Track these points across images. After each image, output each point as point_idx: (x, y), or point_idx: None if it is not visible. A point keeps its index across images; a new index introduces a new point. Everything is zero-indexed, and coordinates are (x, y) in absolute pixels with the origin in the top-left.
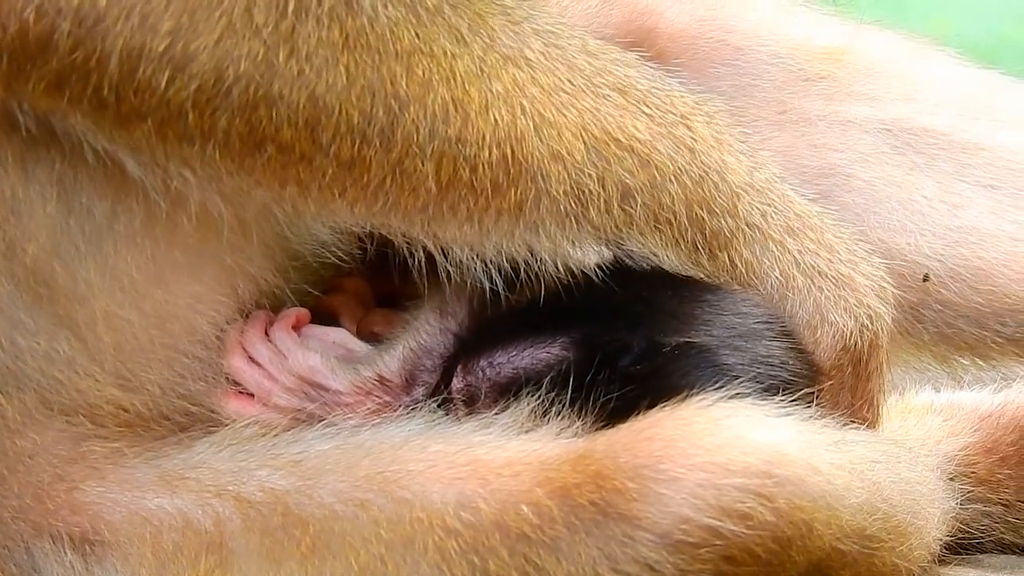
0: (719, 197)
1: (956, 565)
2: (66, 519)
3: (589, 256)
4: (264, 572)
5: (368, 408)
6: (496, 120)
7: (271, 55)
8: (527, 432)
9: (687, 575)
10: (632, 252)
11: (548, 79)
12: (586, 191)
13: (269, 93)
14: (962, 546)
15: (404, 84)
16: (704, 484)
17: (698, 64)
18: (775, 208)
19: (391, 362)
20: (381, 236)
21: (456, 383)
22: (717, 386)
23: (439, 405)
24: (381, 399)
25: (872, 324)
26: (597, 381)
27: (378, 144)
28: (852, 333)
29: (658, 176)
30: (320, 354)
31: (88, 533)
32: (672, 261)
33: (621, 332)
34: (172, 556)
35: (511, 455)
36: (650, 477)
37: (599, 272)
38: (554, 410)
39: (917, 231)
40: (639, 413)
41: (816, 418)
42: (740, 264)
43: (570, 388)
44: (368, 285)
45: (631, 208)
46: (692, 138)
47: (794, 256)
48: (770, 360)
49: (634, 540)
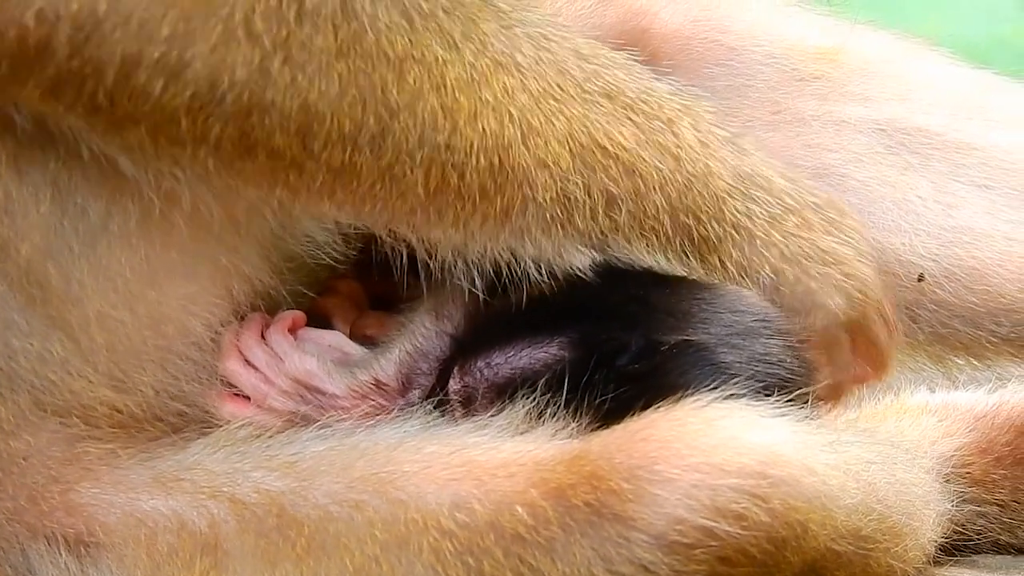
0: (705, 204)
1: (951, 566)
2: (61, 520)
3: (575, 260)
4: (259, 573)
5: (364, 411)
6: (484, 129)
7: (266, 62)
8: (522, 433)
9: (682, 575)
10: (620, 256)
11: (538, 85)
12: (572, 198)
13: (262, 100)
14: (957, 547)
15: (395, 92)
16: (699, 485)
17: (692, 64)
18: (758, 201)
19: (387, 365)
20: (375, 238)
21: (453, 384)
22: (715, 384)
23: (435, 407)
24: (377, 402)
25: (860, 291)
26: (594, 381)
27: (368, 151)
28: (844, 310)
29: (643, 185)
30: (316, 357)
31: (83, 534)
32: (662, 264)
33: (618, 331)
34: (167, 557)
35: (506, 456)
36: (645, 478)
37: (595, 272)
38: (549, 411)
39: (912, 231)
40: (634, 413)
41: (812, 418)
42: (731, 266)
43: (566, 388)
44: (361, 287)
45: (616, 215)
46: (677, 145)
47: (780, 248)
48: (768, 358)
49: (629, 541)
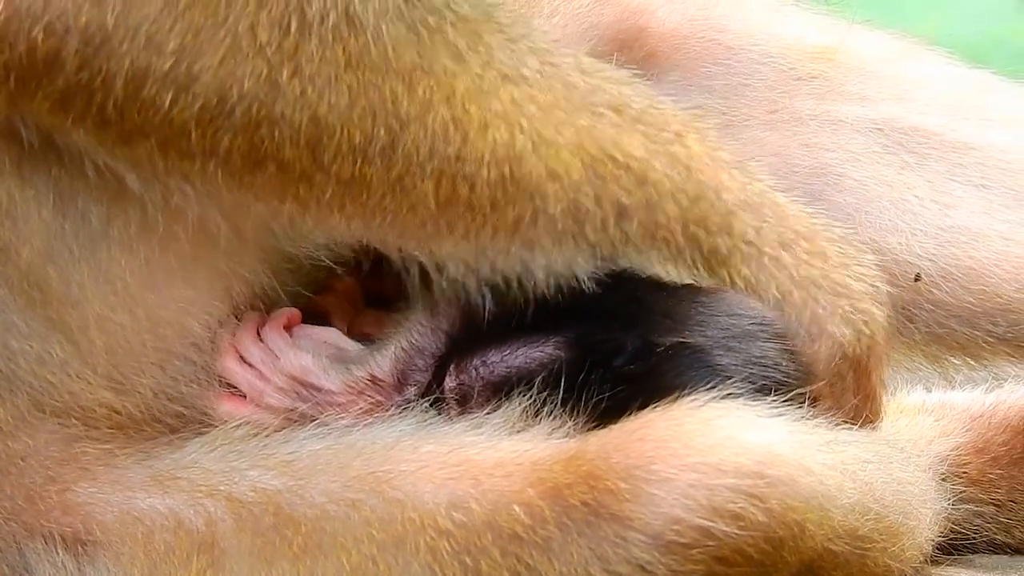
0: (715, 215)
1: (948, 565)
2: (58, 520)
3: (584, 271)
4: (256, 572)
5: (360, 408)
6: (495, 139)
7: (275, 74)
8: (519, 432)
9: (679, 575)
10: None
11: (545, 97)
12: (583, 209)
13: (272, 113)
14: (954, 546)
15: (405, 103)
16: (696, 485)
17: (689, 64)
18: (769, 222)
19: (383, 362)
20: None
21: (449, 382)
22: (710, 387)
23: (431, 405)
24: (373, 399)
25: (868, 328)
26: (590, 381)
27: (379, 163)
28: (850, 342)
29: (654, 194)
30: (312, 354)
31: (80, 533)
32: (671, 276)
33: (615, 332)
34: (164, 556)
35: (503, 455)
36: (642, 478)
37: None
38: (546, 410)
39: (908, 231)
40: (631, 413)
41: (808, 418)
42: (739, 281)
43: (562, 388)
44: (359, 285)
45: (628, 226)
46: (687, 156)
47: (789, 270)
48: (763, 361)
49: (626, 541)
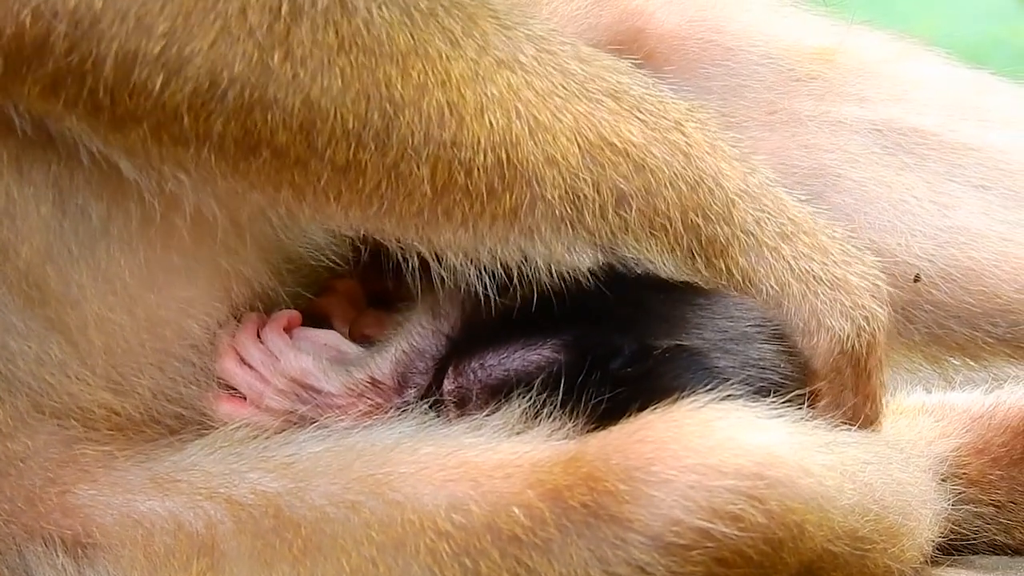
0: (714, 203)
1: (948, 566)
2: (58, 522)
3: (583, 261)
4: (255, 574)
5: (360, 410)
6: (491, 124)
7: (266, 58)
8: (518, 434)
9: None
10: (628, 258)
11: (542, 83)
12: (581, 196)
13: (264, 97)
14: (954, 547)
15: (399, 87)
16: (695, 486)
17: (688, 65)
18: (769, 213)
19: (383, 364)
20: (374, 238)
21: (447, 384)
22: (708, 389)
23: (430, 407)
24: (373, 401)
25: (868, 325)
26: (588, 383)
27: (373, 148)
28: (849, 336)
29: (653, 181)
30: (312, 356)
31: (80, 535)
32: (668, 268)
33: (612, 335)
34: (164, 558)
35: (502, 457)
36: (641, 479)
37: (591, 275)
38: (545, 412)
39: (908, 231)
40: (630, 415)
41: (807, 419)
42: (736, 272)
43: (561, 390)
44: (360, 287)
45: (626, 213)
46: (687, 143)
47: (789, 262)
48: (761, 363)
49: (625, 542)
